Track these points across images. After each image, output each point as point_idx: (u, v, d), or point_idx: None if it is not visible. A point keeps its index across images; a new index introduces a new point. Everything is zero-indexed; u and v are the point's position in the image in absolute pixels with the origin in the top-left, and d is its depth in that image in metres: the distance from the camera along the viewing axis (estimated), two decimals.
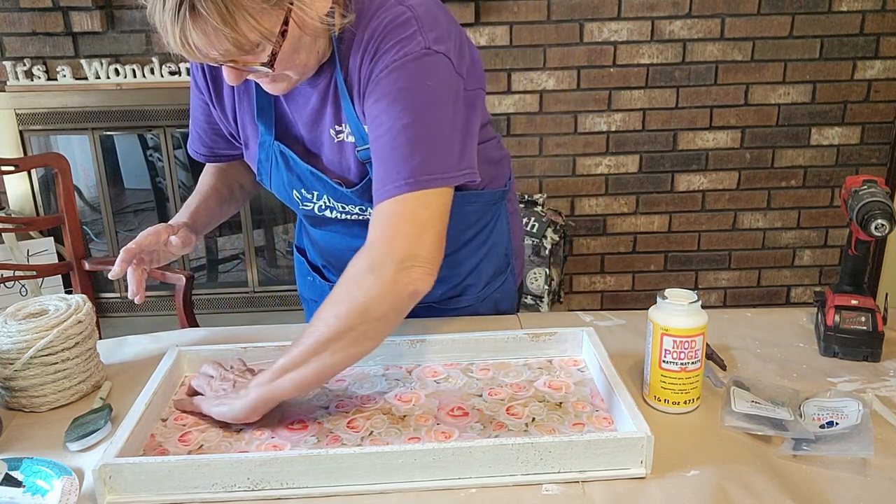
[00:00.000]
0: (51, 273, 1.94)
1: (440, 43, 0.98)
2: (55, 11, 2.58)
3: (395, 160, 0.95)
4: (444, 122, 0.98)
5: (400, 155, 0.94)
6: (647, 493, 0.85)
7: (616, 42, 2.72)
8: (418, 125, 0.95)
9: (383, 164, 0.96)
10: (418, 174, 0.94)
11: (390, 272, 0.92)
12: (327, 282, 1.33)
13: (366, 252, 0.95)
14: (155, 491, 0.85)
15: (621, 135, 2.83)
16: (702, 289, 3.03)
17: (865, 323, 1.12)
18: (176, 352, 1.09)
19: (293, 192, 1.15)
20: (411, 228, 0.94)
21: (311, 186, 1.12)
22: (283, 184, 1.14)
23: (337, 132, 1.07)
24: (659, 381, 1.00)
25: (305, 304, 1.43)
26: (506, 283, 1.32)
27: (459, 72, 1.00)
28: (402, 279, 0.92)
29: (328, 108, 1.06)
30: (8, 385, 1.03)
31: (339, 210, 1.13)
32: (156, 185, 3.16)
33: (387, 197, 0.94)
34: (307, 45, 0.95)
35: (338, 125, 1.06)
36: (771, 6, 2.69)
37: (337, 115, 1.06)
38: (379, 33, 0.97)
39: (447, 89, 0.98)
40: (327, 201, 1.13)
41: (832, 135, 2.86)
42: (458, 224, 1.13)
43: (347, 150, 1.07)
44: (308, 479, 0.85)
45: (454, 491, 0.86)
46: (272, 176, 1.15)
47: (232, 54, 0.88)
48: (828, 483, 0.86)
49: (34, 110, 2.74)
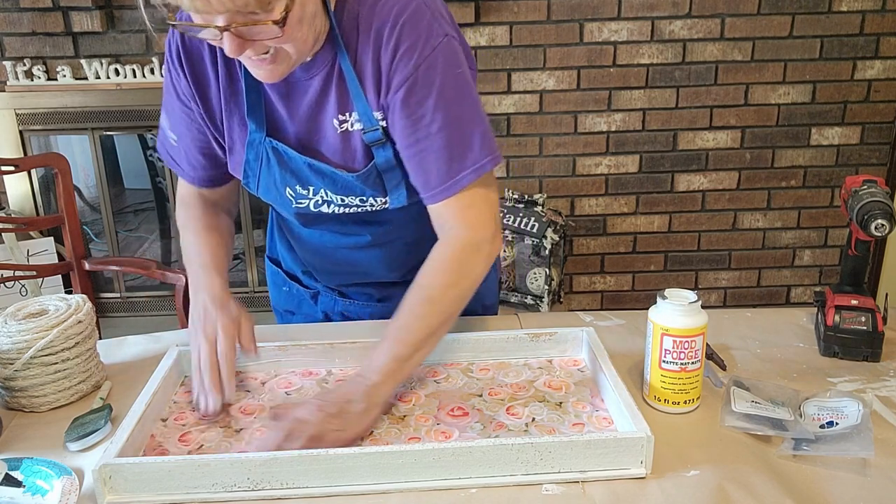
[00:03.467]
0: (51, 273, 1.94)
1: (451, 26, 1.01)
2: (55, 11, 2.58)
3: (456, 154, 1.01)
4: (477, 105, 1.03)
5: (458, 148, 1.01)
6: (647, 493, 0.85)
7: (616, 42, 2.72)
8: (464, 114, 1.01)
9: (442, 160, 1.01)
10: (479, 160, 1.01)
11: (487, 249, 1.05)
12: (306, 289, 1.31)
13: (460, 238, 1.04)
14: (155, 491, 0.85)
15: (621, 135, 2.83)
16: (702, 289, 3.03)
17: (865, 323, 1.12)
18: (176, 352, 1.09)
19: (286, 191, 1.11)
20: (488, 209, 1.05)
21: (308, 181, 1.09)
22: (275, 183, 1.10)
23: (341, 122, 1.05)
24: (659, 381, 1.00)
25: (279, 317, 1.40)
26: (489, 279, 1.32)
27: (466, 53, 1.05)
28: (494, 252, 1.07)
29: (331, 96, 1.04)
30: (8, 385, 1.03)
31: (337, 203, 1.10)
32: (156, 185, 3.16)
33: (458, 190, 1.02)
34: (309, 17, 0.93)
35: (342, 114, 1.04)
36: (771, 6, 2.69)
37: (342, 103, 1.04)
38: (392, 23, 0.97)
39: (468, 72, 1.03)
40: (325, 195, 1.09)
41: (832, 135, 2.86)
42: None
43: (353, 138, 1.06)
44: (308, 479, 0.85)
45: (454, 491, 0.86)
46: (261, 177, 1.11)
47: (249, 6, 0.86)
48: (828, 483, 0.86)
49: (34, 110, 2.74)
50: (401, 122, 1.01)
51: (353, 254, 1.20)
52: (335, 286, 1.29)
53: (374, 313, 1.28)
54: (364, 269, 1.23)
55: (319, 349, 1.11)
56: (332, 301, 1.30)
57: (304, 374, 1.10)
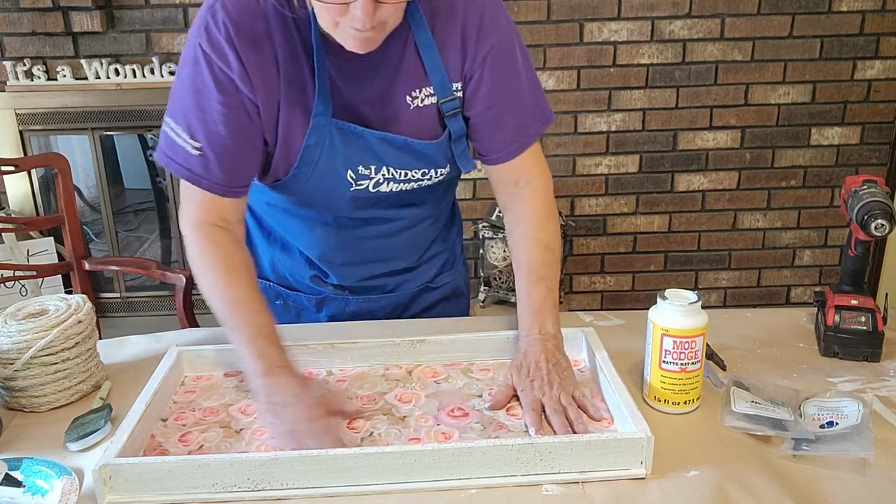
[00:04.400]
0: (51, 273, 1.94)
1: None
2: (55, 11, 2.58)
3: (533, 110, 1.13)
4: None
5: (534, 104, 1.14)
6: (647, 494, 0.85)
7: (616, 42, 2.72)
8: (534, 72, 1.15)
9: (523, 116, 1.12)
10: (546, 112, 1.16)
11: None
12: (312, 295, 1.29)
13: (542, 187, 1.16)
14: (155, 491, 0.85)
15: (621, 135, 2.83)
16: (702, 289, 3.03)
17: (865, 323, 1.12)
18: (176, 352, 1.09)
19: (347, 173, 1.08)
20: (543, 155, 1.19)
21: (376, 157, 1.08)
22: (335, 167, 1.08)
23: (413, 98, 1.07)
24: (659, 382, 1.00)
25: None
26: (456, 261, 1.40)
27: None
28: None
29: (403, 71, 1.05)
30: (8, 385, 1.03)
31: (397, 180, 1.11)
32: (156, 185, 3.16)
33: (531, 142, 1.14)
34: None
35: (415, 90, 1.07)
36: (771, 6, 2.69)
37: (416, 78, 1.06)
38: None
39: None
40: (387, 172, 1.10)
41: (832, 135, 2.86)
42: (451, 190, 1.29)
43: (424, 113, 1.08)
44: (308, 479, 0.85)
45: (454, 491, 0.86)
46: (319, 162, 1.07)
47: None
48: (828, 483, 0.86)
49: (34, 110, 2.74)
50: (487, 85, 1.08)
51: (383, 241, 1.22)
52: (352, 283, 1.28)
53: (388, 305, 1.30)
54: (390, 255, 1.25)
55: (319, 349, 1.11)
56: (343, 302, 1.29)
57: (304, 375, 1.10)
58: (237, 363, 1.05)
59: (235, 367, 1.10)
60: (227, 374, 1.11)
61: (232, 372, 1.11)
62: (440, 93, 1.07)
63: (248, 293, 1.03)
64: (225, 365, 1.11)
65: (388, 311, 1.31)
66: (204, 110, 1.00)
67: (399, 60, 1.05)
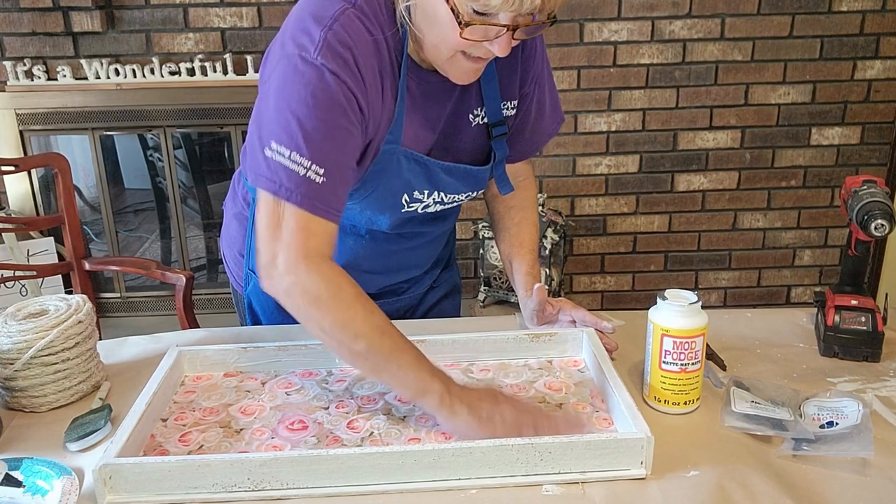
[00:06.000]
0: (51, 273, 1.94)
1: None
2: (55, 11, 2.58)
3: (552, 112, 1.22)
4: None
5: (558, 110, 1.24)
6: (647, 494, 0.85)
7: (616, 42, 2.72)
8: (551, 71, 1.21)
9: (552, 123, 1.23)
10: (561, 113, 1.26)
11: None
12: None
13: (530, 180, 1.29)
14: (155, 491, 0.85)
15: (621, 135, 2.83)
16: (702, 289, 3.03)
17: (865, 323, 1.12)
18: (176, 352, 1.09)
19: (403, 197, 1.09)
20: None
21: (437, 184, 1.10)
22: (395, 190, 1.07)
23: (475, 116, 1.12)
24: (659, 382, 1.00)
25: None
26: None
27: None
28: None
29: (470, 94, 1.09)
30: (8, 385, 1.03)
31: (445, 203, 1.16)
32: (156, 185, 3.16)
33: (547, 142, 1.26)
34: None
35: (476, 108, 1.11)
36: (771, 6, 2.69)
37: (477, 97, 1.10)
38: None
39: None
40: (437, 196, 1.13)
41: (832, 135, 2.86)
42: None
43: (481, 132, 1.14)
44: (308, 479, 0.85)
45: (454, 491, 0.86)
46: (380, 186, 1.06)
47: (549, 6, 0.90)
48: (828, 483, 0.86)
49: (34, 110, 2.73)
50: (535, 101, 1.17)
51: (409, 252, 1.25)
52: (372, 291, 1.24)
53: (401, 308, 1.33)
54: (413, 263, 1.29)
55: (319, 349, 1.11)
56: None
57: (304, 375, 1.10)
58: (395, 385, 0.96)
59: (249, 370, 1.10)
60: (227, 374, 1.11)
61: (232, 372, 1.11)
62: (491, 117, 1.12)
63: (385, 318, 0.97)
64: (225, 365, 1.11)
65: (400, 314, 1.33)
66: (331, 134, 0.93)
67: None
